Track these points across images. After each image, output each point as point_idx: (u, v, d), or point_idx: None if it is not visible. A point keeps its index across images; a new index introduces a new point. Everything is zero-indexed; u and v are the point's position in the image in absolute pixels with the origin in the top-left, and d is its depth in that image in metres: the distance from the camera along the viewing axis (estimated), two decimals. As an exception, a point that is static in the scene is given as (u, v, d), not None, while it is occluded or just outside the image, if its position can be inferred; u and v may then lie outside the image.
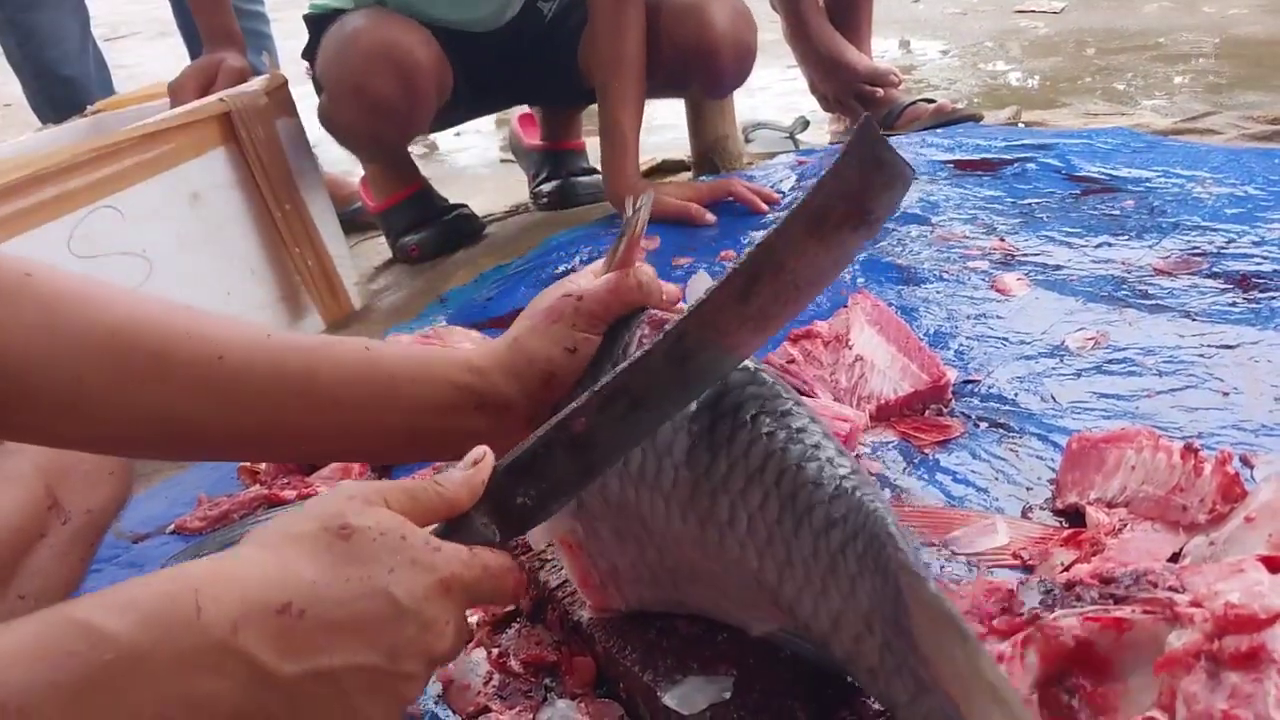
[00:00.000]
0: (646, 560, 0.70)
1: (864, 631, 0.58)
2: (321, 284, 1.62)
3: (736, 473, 0.63)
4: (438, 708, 0.77)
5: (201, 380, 0.62)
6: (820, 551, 0.59)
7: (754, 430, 0.63)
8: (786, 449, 0.62)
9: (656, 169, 2.19)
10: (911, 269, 1.37)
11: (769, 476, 0.62)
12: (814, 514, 0.60)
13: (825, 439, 0.63)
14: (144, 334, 0.61)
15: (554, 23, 1.79)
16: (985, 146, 1.79)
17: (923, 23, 3.51)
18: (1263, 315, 1.11)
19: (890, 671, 0.56)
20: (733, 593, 0.67)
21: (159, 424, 0.62)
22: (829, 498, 0.59)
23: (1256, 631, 0.52)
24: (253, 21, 2.15)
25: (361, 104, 1.64)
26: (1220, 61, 2.55)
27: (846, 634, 0.59)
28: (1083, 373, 1.06)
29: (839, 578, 0.59)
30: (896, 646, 0.55)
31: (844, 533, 0.58)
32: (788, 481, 0.61)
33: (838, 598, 0.59)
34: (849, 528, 0.58)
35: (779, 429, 0.62)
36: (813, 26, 2.10)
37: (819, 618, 0.60)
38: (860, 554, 0.57)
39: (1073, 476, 0.86)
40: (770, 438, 0.62)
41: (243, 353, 0.63)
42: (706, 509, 0.64)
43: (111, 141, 1.36)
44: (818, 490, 0.60)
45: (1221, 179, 1.49)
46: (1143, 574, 0.60)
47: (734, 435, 0.63)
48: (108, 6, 2.28)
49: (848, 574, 0.58)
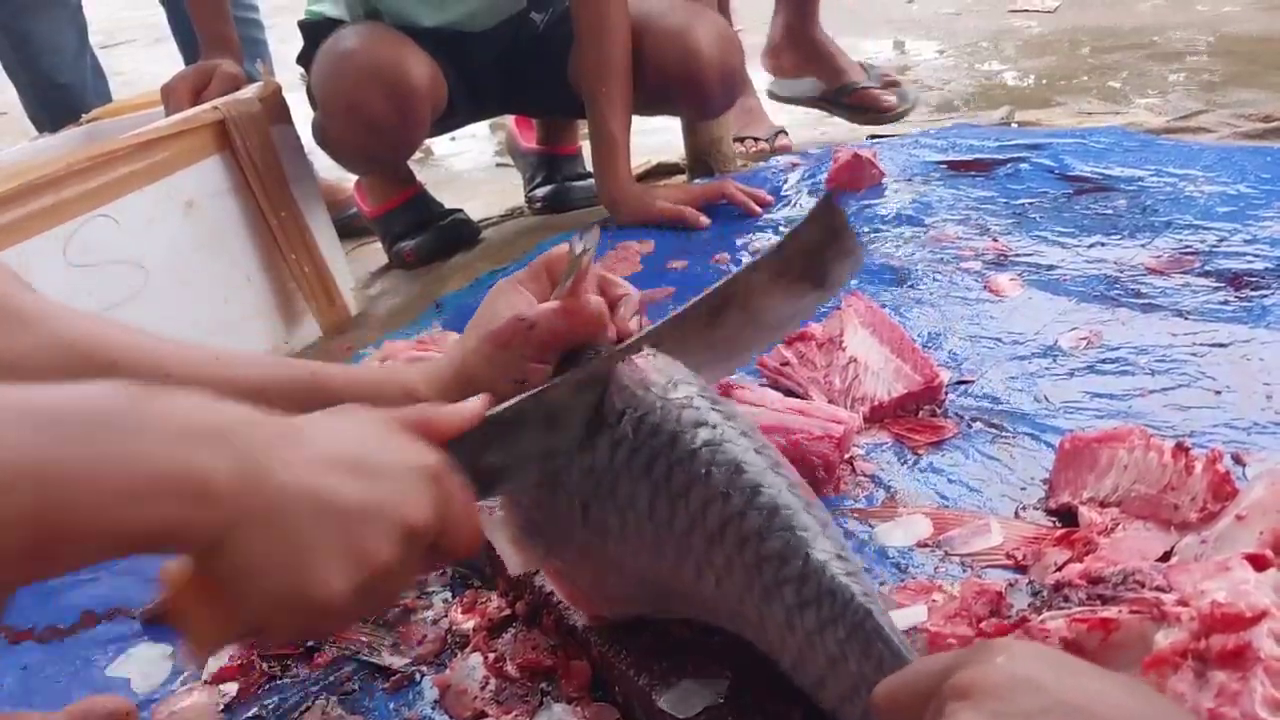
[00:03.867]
0: (628, 582, 0.70)
1: (850, 696, 0.57)
2: (318, 290, 1.63)
3: (697, 533, 0.61)
4: (435, 713, 0.77)
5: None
6: (795, 626, 0.58)
7: (709, 486, 0.61)
8: (744, 515, 0.60)
9: (651, 172, 2.20)
10: (905, 270, 1.38)
11: (729, 543, 0.60)
12: (784, 590, 0.58)
13: (788, 494, 0.61)
14: (97, 350, 0.66)
15: (546, 33, 1.79)
16: (978, 147, 1.79)
17: (917, 23, 3.51)
18: (1255, 313, 1.11)
19: None
20: (716, 615, 0.67)
21: None
22: (798, 576, 0.58)
23: (1243, 630, 0.53)
24: (249, 28, 2.15)
25: (355, 124, 1.64)
26: (1214, 59, 2.55)
27: (831, 694, 0.58)
28: (1075, 372, 1.07)
29: (817, 653, 0.58)
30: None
31: (819, 617, 0.57)
32: (750, 552, 0.60)
33: (815, 670, 0.58)
34: (825, 612, 0.57)
35: (734, 489, 0.60)
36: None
37: (801, 672, 0.60)
38: (843, 639, 0.56)
39: (1065, 476, 0.87)
40: (726, 499, 0.60)
41: (189, 371, 0.67)
42: (673, 563, 0.63)
43: (106, 150, 1.36)
44: (785, 567, 0.58)
45: (1214, 178, 1.49)
46: (1130, 574, 0.60)
47: (690, 488, 0.62)
48: (103, 13, 2.28)
49: (827, 654, 0.57)
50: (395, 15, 1.71)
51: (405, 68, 1.61)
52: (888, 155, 1.80)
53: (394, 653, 0.83)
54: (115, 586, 1.00)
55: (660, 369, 0.66)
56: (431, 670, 0.81)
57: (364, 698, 0.80)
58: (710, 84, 1.70)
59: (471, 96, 1.80)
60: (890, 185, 1.70)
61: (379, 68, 1.61)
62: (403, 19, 1.70)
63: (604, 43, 1.62)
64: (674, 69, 1.68)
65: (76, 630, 0.94)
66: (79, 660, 0.91)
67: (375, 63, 1.61)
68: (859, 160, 1.70)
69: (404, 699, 0.79)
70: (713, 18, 1.75)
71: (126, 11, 4.94)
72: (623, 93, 1.64)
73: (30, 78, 2.17)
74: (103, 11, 2.30)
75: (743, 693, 0.67)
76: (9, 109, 3.01)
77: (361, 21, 1.72)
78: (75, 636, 0.93)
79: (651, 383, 0.64)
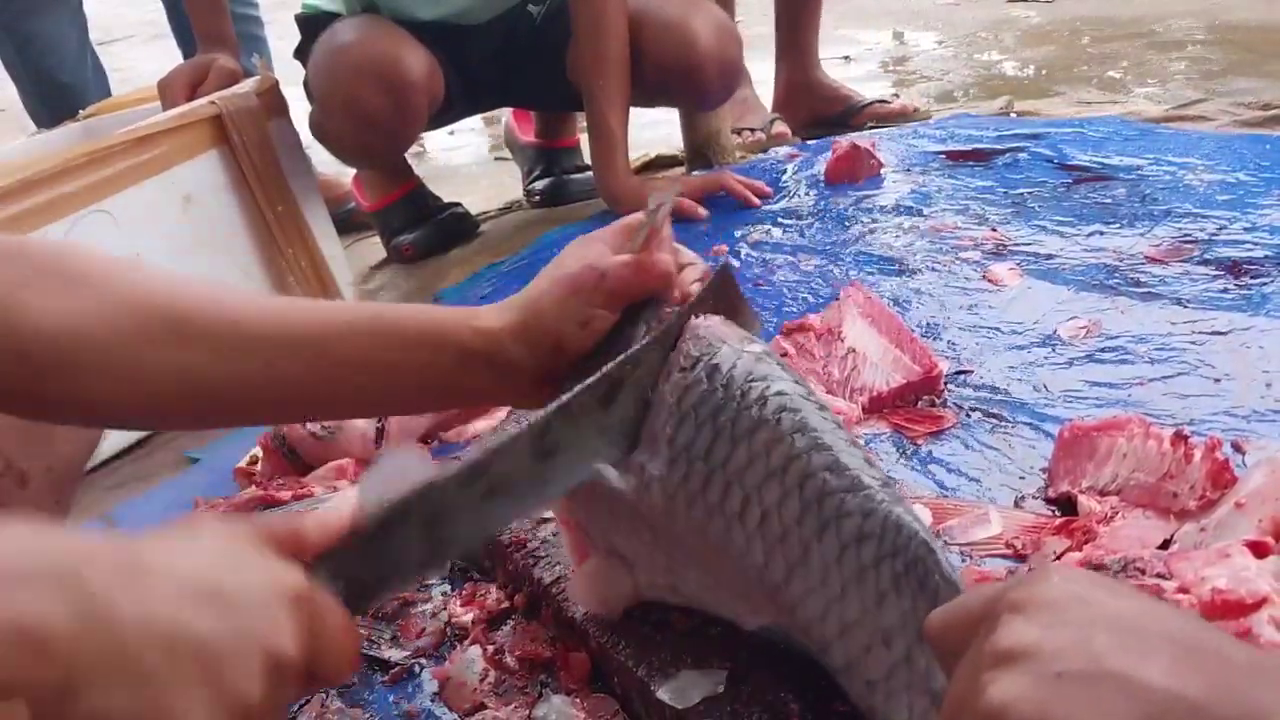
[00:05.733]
0: (642, 541, 0.70)
1: (878, 644, 0.58)
2: (315, 285, 1.63)
3: (756, 467, 0.63)
4: (434, 705, 0.77)
5: (217, 344, 0.65)
6: (847, 560, 0.59)
7: (775, 431, 0.62)
8: (810, 456, 0.61)
9: (649, 165, 2.19)
10: (903, 260, 1.37)
11: (790, 479, 0.62)
12: (843, 524, 0.60)
13: (852, 447, 0.63)
14: (162, 301, 0.65)
15: (543, 26, 1.79)
16: (977, 137, 1.79)
17: (916, 14, 3.51)
18: (1254, 301, 1.11)
19: (897, 688, 0.57)
20: (728, 582, 0.68)
21: (180, 388, 0.65)
22: (859, 510, 0.60)
23: (1243, 616, 0.53)
24: (247, 25, 2.15)
25: (352, 118, 1.63)
26: (1213, 48, 2.55)
27: (855, 643, 0.59)
28: (1075, 361, 1.07)
29: (865, 590, 0.59)
30: (919, 666, 0.56)
31: (878, 549, 0.59)
32: (812, 487, 0.61)
33: (857, 608, 0.59)
34: (885, 545, 0.58)
35: (801, 433, 0.62)
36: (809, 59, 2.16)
37: (826, 622, 0.61)
38: (899, 573, 0.58)
39: (1065, 465, 0.87)
40: (793, 442, 0.62)
41: (256, 317, 0.67)
42: (717, 500, 0.64)
43: (103, 145, 1.36)
44: (846, 501, 0.60)
45: (1213, 166, 1.49)
46: (1130, 562, 0.60)
47: (755, 431, 0.63)
48: (101, 9, 2.28)
49: (877, 589, 0.58)
50: (393, 9, 1.70)
51: (402, 62, 1.61)
52: (886, 146, 1.80)
53: (393, 645, 0.83)
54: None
55: (733, 327, 0.68)
56: (430, 663, 0.81)
57: (363, 690, 0.80)
58: (708, 75, 1.70)
59: (468, 90, 1.80)
60: (889, 175, 1.70)
61: (376, 62, 1.60)
62: (400, 12, 1.70)
63: (602, 37, 1.62)
64: (672, 61, 1.67)
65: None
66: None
67: (372, 57, 1.61)
68: (858, 151, 1.70)
69: (403, 691, 0.79)
70: (710, 9, 1.75)
71: (124, 8, 4.94)
72: (621, 86, 1.64)
73: (33, 77, 2.17)
74: (100, 8, 2.30)
75: (741, 684, 0.67)
76: (6, 105, 3.01)
77: (359, 15, 1.72)
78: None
79: (727, 336, 0.66)
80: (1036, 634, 0.37)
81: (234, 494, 1.09)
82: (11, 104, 2.55)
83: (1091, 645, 0.36)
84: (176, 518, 1.08)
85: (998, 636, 0.38)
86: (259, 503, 1.05)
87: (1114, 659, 0.35)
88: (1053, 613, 0.37)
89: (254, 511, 1.04)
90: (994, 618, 0.39)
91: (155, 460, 1.30)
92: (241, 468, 1.16)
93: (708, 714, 0.65)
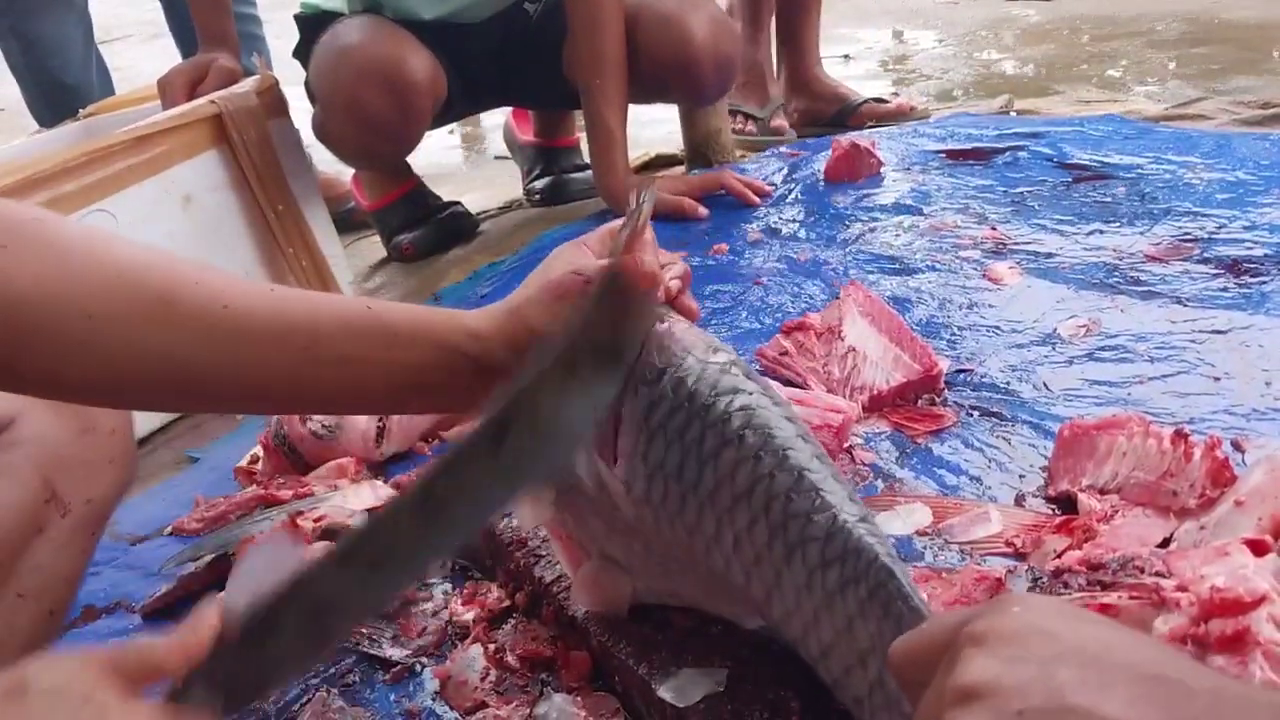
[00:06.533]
0: (635, 551, 0.70)
1: (855, 665, 0.58)
2: (316, 284, 1.62)
3: (723, 491, 0.62)
4: (435, 704, 0.77)
5: (206, 326, 0.63)
6: (815, 585, 0.59)
7: (741, 450, 0.62)
8: (774, 476, 0.61)
9: (649, 163, 2.19)
10: (903, 259, 1.37)
11: (756, 502, 0.61)
12: (807, 549, 0.59)
13: (816, 461, 0.62)
14: (151, 277, 0.62)
15: (540, 24, 1.79)
16: (977, 136, 1.79)
17: (915, 12, 3.51)
18: (1254, 300, 1.11)
19: (878, 706, 0.57)
20: (723, 590, 0.68)
21: (163, 368, 0.63)
22: (824, 534, 0.59)
23: (1241, 614, 0.53)
24: (247, 24, 2.14)
25: (356, 120, 1.63)
26: (1212, 47, 2.55)
27: (836, 663, 0.59)
28: (1075, 360, 1.07)
29: (834, 614, 0.59)
30: (891, 688, 0.55)
31: (842, 574, 0.58)
32: (777, 510, 0.61)
33: (830, 631, 0.59)
34: (848, 570, 0.58)
35: (765, 451, 0.62)
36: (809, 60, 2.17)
37: (807, 642, 0.61)
38: (864, 599, 0.57)
39: (1065, 464, 0.87)
40: (757, 461, 0.61)
41: (246, 303, 0.65)
42: (694, 521, 0.64)
43: (103, 145, 1.36)
44: (810, 525, 0.59)
45: (1212, 165, 1.49)
46: (1129, 560, 0.60)
47: (721, 450, 0.63)
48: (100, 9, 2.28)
49: (845, 613, 0.58)
50: (395, 8, 1.70)
51: (406, 64, 1.61)
52: (886, 144, 1.80)
53: (394, 644, 0.83)
54: (116, 581, 1.00)
55: (699, 334, 0.68)
56: (432, 661, 0.81)
57: (364, 689, 0.80)
58: (704, 70, 1.70)
59: (468, 89, 1.80)
60: (889, 174, 1.70)
61: (379, 64, 1.60)
62: (403, 12, 1.69)
63: (598, 35, 1.62)
64: (668, 56, 1.67)
65: (78, 624, 0.94)
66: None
67: (375, 59, 1.60)
68: (858, 150, 1.70)
69: (404, 690, 0.79)
70: (706, 4, 1.74)
71: (123, 8, 4.93)
72: (618, 85, 1.64)
73: (37, 78, 2.17)
74: (100, 8, 2.29)
75: (742, 682, 0.67)
76: (7, 105, 3.01)
77: (360, 15, 1.71)
78: (77, 630, 0.94)
79: (692, 345, 0.66)
80: (997, 669, 0.36)
81: (235, 493, 1.09)
82: (11, 104, 2.55)
83: (1052, 681, 0.35)
84: (181, 517, 1.07)
85: (959, 672, 0.37)
86: (259, 502, 1.05)
87: (1075, 694, 0.35)
88: (1013, 646, 0.37)
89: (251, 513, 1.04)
90: (955, 650, 0.39)
91: (155, 459, 1.30)
92: (242, 467, 1.16)
93: (709, 712, 0.65)
